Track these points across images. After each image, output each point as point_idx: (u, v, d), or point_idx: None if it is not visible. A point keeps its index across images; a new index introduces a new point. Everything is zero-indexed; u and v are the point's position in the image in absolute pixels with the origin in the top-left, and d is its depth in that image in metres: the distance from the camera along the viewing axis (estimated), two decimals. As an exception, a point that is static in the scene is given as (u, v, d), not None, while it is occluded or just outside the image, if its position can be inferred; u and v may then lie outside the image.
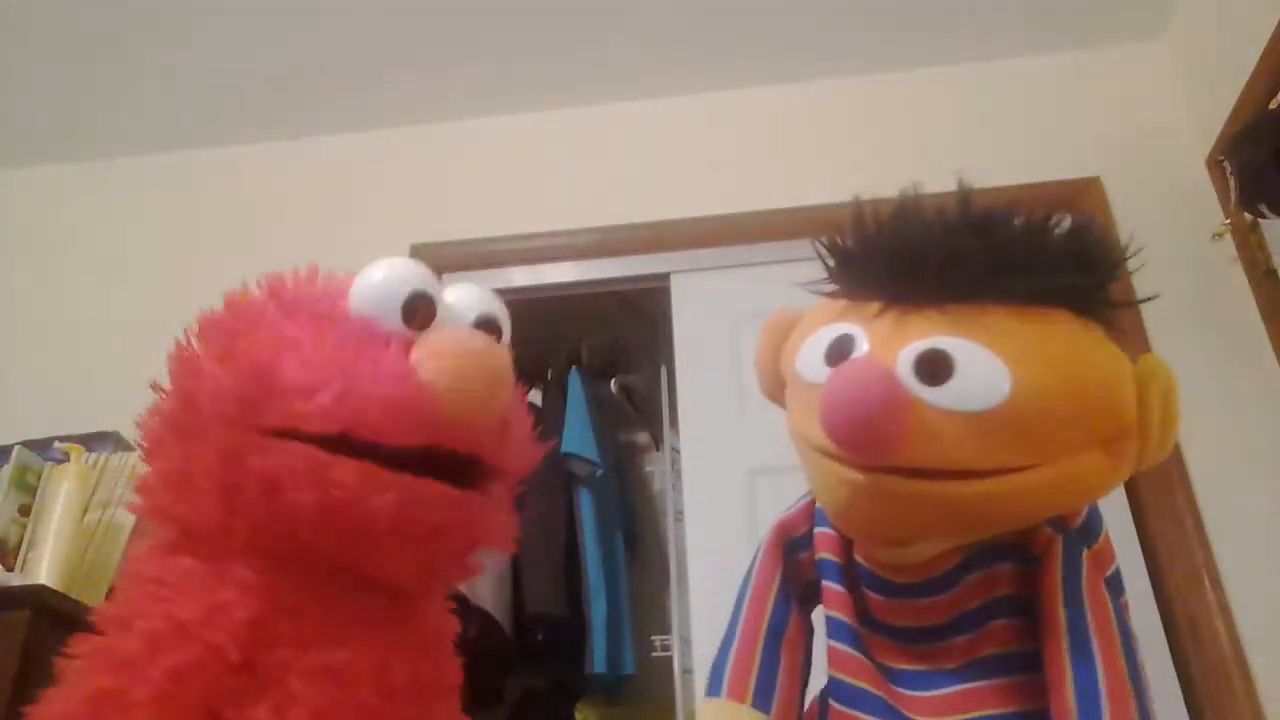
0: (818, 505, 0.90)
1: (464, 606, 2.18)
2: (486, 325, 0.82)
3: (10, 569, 1.62)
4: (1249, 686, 1.70)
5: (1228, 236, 1.96)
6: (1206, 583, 1.78)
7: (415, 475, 0.73)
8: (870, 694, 0.80)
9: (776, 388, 0.87)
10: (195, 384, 0.76)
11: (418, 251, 2.26)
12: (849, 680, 0.81)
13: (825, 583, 0.85)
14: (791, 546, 0.91)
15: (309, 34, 2.18)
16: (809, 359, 0.78)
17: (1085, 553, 0.78)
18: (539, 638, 2.30)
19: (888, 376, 0.69)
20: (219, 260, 2.33)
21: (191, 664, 0.69)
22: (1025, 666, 0.76)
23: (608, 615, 2.23)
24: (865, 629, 0.83)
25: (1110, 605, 0.75)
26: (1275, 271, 1.87)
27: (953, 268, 0.73)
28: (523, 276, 2.27)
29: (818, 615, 0.89)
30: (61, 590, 1.56)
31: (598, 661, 2.19)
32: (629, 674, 2.29)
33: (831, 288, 0.83)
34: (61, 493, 1.71)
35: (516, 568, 2.24)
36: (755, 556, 0.93)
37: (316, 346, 0.74)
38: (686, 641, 2.01)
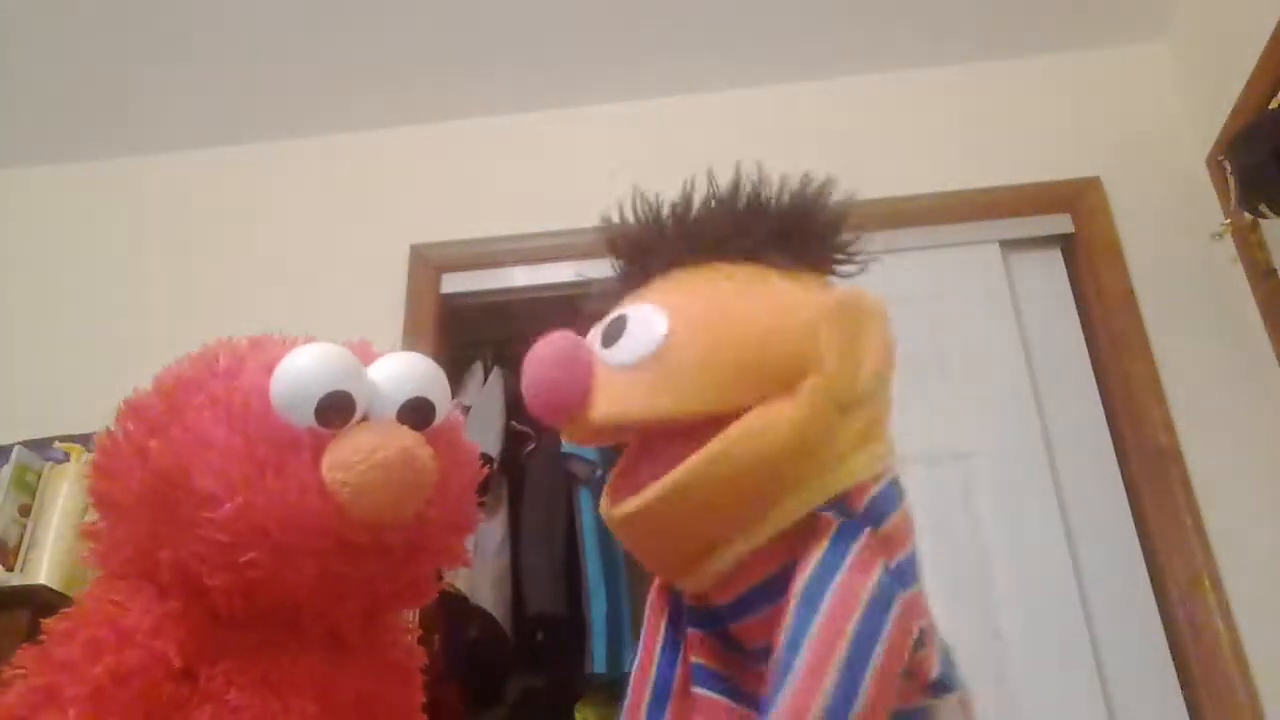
0: None
1: (464, 606, 2.19)
2: (414, 411, 0.78)
3: (10, 569, 1.62)
4: (1249, 686, 1.70)
5: (1228, 236, 1.96)
6: (1206, 582, 1.78)
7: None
8: None
9: None
10: (119, 476, 0.78)
11: (418, 251, 2.26)
12: None
13: (689, 629, 0.81)
14: (675, 595, 0.86)
15: (308, 34, 2.18)
16: None
17: (865, 535, 0.71)
18: (539, 638, 2.30)
19: (566, 339, 0.74)
20: (218, 260, 2.33)
21: (132, 666, 0.70)
22: None
23: (607, 615, 2.23)
24: (729, 660, 0.79)
25: (873, 574, 0.68)
26: (1275, 271, 1.87)
27: (652, 248, 0.80)
28: (523, 276, 2.27)
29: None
30: (61, 590, 1.56)
31: (598, 661, 2.19)
32: (629, 674, 2.28)
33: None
34: (61, 493, 1.71)
35: (516, 568, 2.24)
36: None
37: (227, 450, 0.72)
38: (686, 641, 2.00)
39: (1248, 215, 1.86)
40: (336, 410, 0.74)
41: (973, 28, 2.23)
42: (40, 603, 1.46)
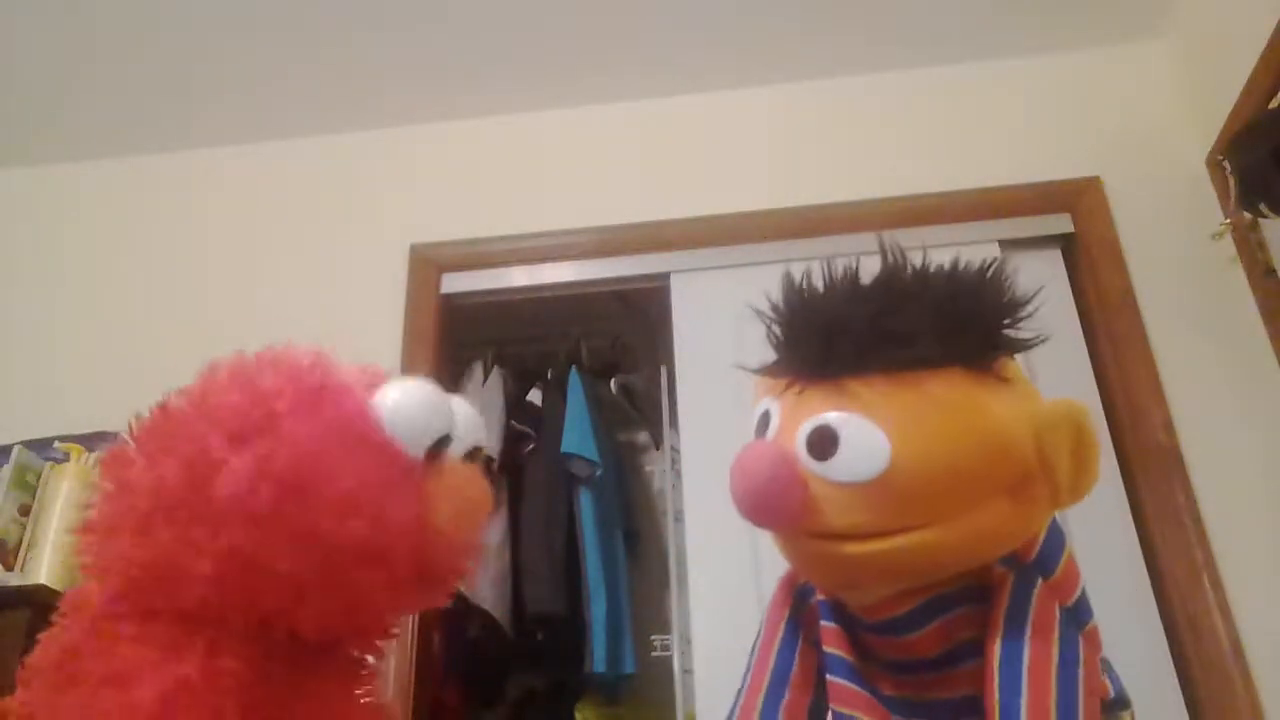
0: None
1: (464, 606, 2.19)
2: (476, 454, 0.88)
3: (10, 569, 1.62)
4: (1249, 686, 1.70)
5: (1228, 236, 1.96)
6: (1206, 582, 1.78)
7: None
8: None
9: None
10: (201, 468, 0.73)
11: (418, 251, 2.26)
12: (845, 712, 0.84)
13: (823, 622, 0.89)
14: (800, 593, 0.95)
15: (308, 34, 2.18)
16: (747, 433, 0.88)
17: (1040, 585, 0.80)
18: (539, 638, 2.30)
19: (777, 456, 0.77)
20: (219, 260, 2.33)
21: None
22: None
23: (607, 615, 2.23)
24: (862, 662, 0.87)
25: (1054, 636, 0.77)
26: (1275, 271, 1.87)
27: (840, 341, 0.78)
28: (523, 276, 2.27)
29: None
30: (61, 590, 1.56)
31: (597, 661, 2.19)
32: (629, 674, 2.29)
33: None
34: (61, 493, 1.71)
35: (516, 567, 2.25)
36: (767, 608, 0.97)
37: (349, 467, 0.75)
38: (686, 641, 2.01)
39: (1248, 215, 1.86)
40: (442, 448, 0.82)
41: (972, 28, 2.23)
42: (40, 603, 1.46)
